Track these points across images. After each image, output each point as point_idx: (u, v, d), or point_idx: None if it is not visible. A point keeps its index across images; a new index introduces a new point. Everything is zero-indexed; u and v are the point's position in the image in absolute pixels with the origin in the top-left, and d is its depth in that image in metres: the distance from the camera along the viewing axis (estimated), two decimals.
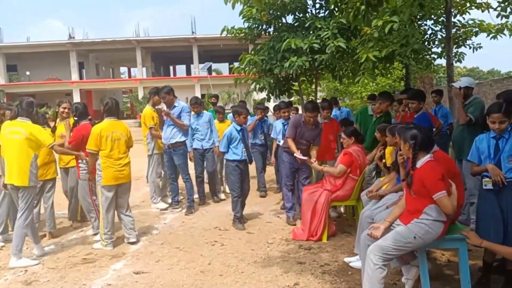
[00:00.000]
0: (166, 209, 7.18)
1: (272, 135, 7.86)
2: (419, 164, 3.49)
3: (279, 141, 7.37)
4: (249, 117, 7.10)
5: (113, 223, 5.44)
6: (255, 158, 8.00)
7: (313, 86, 10.25)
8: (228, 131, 6.22)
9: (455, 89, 5.46)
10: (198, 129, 7.35)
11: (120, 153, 5.35)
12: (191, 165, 7.28)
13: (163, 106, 6.87)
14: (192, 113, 7.29)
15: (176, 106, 6.85)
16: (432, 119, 6.03)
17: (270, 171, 9.28)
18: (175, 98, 6.90)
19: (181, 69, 50.61)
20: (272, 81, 8.23)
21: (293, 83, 9.12)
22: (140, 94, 36.62)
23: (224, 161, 6.80)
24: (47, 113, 24.29)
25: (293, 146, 6.03)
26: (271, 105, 9.68)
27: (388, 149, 5.05)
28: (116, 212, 5.50)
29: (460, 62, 8.94)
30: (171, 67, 51.21)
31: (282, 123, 7.45)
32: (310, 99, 15.51)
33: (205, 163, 7.54)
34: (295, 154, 5.94)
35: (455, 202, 3.39)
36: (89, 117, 5.76)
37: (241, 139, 6.16)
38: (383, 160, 5.23)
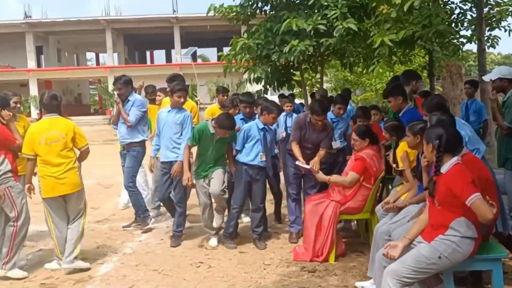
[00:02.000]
0: (129, 225, 7.11)
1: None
2: (444, 168, 3.51)
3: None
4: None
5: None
6: None
7: (318, 76, 10.26)
8: (247, 126, 6.14)
9: (489, 92, 5.48)
10: (161, 131, 6.40)
11: (58, 158, 5.18)
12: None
13: (116, 96, 6.91)
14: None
15: (130, 99, 6.83)
16: None
17: None
18: (132, 91, 6.91)
19: (160, 55, 50.51)
20: (269, 69, 8.22)
21: (294, 72, 9.13)
22: (111, 85, 36.49)
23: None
24: None
25: (297, 152, 6.04)
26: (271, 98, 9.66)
27: (399, 151, 5.07)
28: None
29: (494, 47, 8.99)
30: (148, 53, 51.10)
31: (331, 119, 7.25)
32: (314, 92, 15.54)
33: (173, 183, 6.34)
34: (297, 162, 5.95)
35: None
36: None
37: (261, 140, 6.04)
38: (393, 165, 5.25)
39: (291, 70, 8.94)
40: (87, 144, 5.45)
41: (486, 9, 8.44)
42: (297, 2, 8.27)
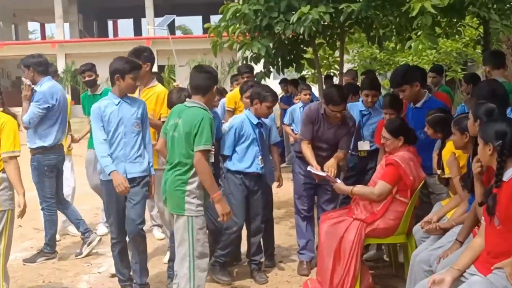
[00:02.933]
0: (81, 252, 7.12)
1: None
2: (507, 176, 3.52)
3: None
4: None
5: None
6: None
7: (337, 54, 10.25)
8: (237, 122, 6.08)
9: None
10: (113, 134, 5.50)
11: None
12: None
13: (26, 81, 6.80)
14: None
15: (37, 88, 6.74)
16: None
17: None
18: (43, 76, 6.84)
19: (126, 25, 50.57)
20: (271, 45, 8.22)
21: (305, 48, 9.12)
22: (61, 65, 36.49)
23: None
24: None
25: (309, 154, 6.03)
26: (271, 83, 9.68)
27: (445, 153, 5.07)
28: None
29: None
30: (111, 23, 51.11)
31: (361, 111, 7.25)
32: (331, 74, 15.56)
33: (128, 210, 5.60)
34: (308, 168, 5.94)
35: None
36: None
37: (257, 139, 6.04)
38: (438, 171, 5.26)
39: (301, 46, 8.93)
40: (14, 152, 5.04)
41: None
42: None
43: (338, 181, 5.83)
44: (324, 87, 8.68)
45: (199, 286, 4.73)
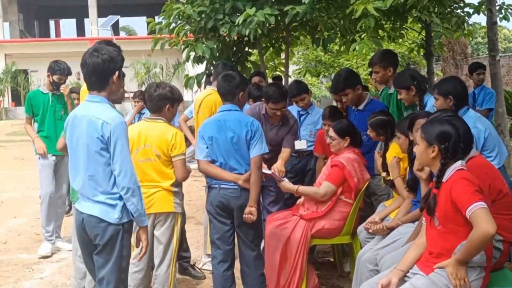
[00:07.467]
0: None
1: None
2: (446, 177, 3.56)
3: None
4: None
5: None
6: None
7: (282, 56, 10.29)
8: None
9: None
10: None
11: None
12: None
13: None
14: None
15: None
16: None
17: None
18: None
19: (69, 25, 49.79)
20: (216, 46, 8.20)
21: (250, 50, 9.12)
22: (1, 66, 35.69)
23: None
24: None
25: None
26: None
27: (389, 156, 5.14)
28: None
29: (508, 20, 9.21)
30: (53, 23, 50.24)
31: (298, 111, 7.16)
32: (279, 75, 15.61)
33: None
34: None
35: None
36: None
37: None
38: (383, 174, 5.32)
39: (246, 48, 8.93)
40: None
41: None
42: None
43: (284, 179, 5.84)
44: None
45: None
